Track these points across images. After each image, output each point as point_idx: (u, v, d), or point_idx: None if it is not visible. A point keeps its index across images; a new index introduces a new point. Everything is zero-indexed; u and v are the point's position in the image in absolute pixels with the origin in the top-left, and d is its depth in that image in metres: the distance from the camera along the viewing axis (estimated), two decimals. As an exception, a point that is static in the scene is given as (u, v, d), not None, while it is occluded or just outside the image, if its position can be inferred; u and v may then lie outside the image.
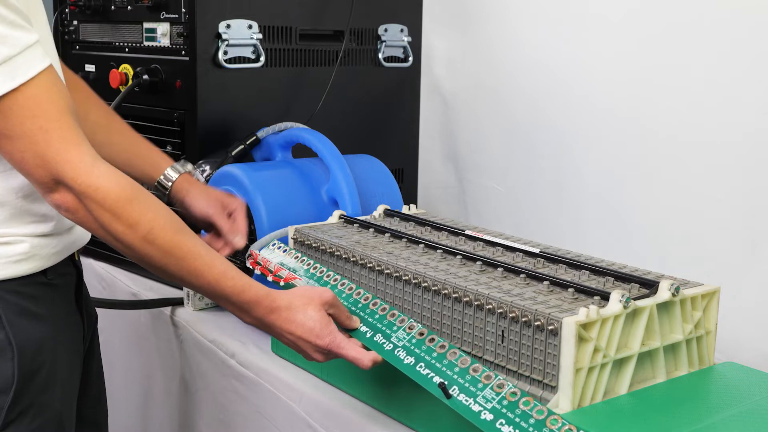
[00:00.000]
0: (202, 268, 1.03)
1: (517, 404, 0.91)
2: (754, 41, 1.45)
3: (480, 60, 1.97)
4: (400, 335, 1.04)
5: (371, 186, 1.53)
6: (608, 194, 1.71)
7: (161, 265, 1.02)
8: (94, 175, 0.97)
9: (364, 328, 1.08)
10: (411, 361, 1.01)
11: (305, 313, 1.04)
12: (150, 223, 0.99)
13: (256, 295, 1.05)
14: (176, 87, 1.59)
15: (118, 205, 0.98)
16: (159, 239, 1.00)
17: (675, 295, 1.03)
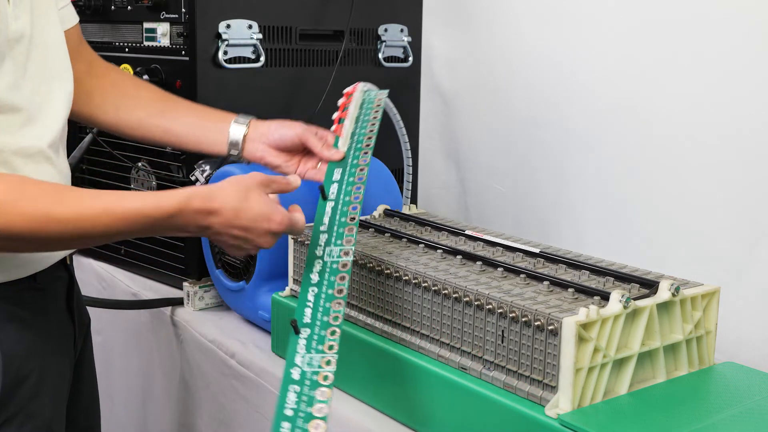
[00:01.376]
0: (114, 208, 0.96)
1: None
2: (754, 40, 1.45)
3: (480, 60, 1.97)
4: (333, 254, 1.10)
5: (371, 186, 1.53)
6: (608, 194, 1.71)
7: (73, 232, 0.95)
8: None
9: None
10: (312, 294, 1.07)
11: (248, 202, 1.02)
12: (45, 206, 0.94)
13: (184, 197, 0.99)
14: (176, 87, 1.59)
15: (5, 208, 0.92)
16: (59, 213, 0.94)
17: (675, 295, 1.03)
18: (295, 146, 1.30)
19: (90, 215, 0.96)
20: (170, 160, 1.63)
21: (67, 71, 1.15)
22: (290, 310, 1.33)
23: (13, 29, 1.02)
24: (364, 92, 1.38)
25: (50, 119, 1.09)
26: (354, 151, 1.26)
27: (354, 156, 1.25)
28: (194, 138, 1.32)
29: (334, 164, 1.25)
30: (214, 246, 1.52)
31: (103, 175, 1.79)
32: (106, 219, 0.96)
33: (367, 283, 1.21)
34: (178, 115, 1.32)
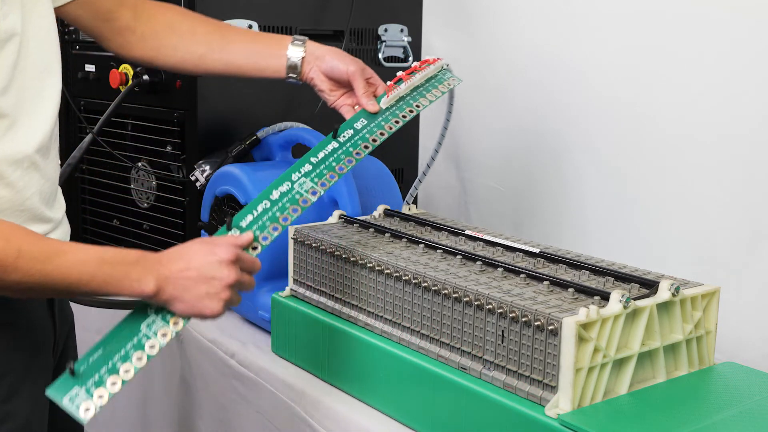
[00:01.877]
0: (80, 254, 0.97)
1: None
2: (753, 41, 1.45)
3: (480, 60, 1.97)
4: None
5: (371, 186, 1.53)
6: (608, 194, 1.71)
7: (40, 275, 0.94)
8: None
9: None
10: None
11: (188, 246, 1.02)
12: (15, 245, 0.93)
13: (138, 253, 1.00)
14: (176, 87, 1.59)
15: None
16: (33, 249, 0.94)
17: (675, 295, 1.03)
18: (343, 80, 1.31)
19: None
20: (170, 160, 1.63)
21: (56, 63, 1.13)
22: (290, 310, 1.33)
23: (2, 29, 1.01)
24: (440, 69, 1.35)
25: (38, 120, 1.08)
26: (389, 114, 1.26)
27: (386, 118, 1.25)
28: (255, 67, 1.34)
29: (364, 114, 1.25)
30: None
31: (103, 175, 1.79)
32: (70, 258, 0.96)
33: (367, 283, 1.21)
34: (236, 47, 1.33)
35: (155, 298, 0.99)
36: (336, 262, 1.26)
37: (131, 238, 1.76)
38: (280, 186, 1.14)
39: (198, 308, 0.99)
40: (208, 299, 0.99)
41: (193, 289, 0.99)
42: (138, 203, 1.73)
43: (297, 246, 1.33)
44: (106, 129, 1.70)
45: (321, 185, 1.15)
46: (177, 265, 0.99)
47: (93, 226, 1.86)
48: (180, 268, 0.99)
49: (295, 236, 1.33)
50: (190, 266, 0.99)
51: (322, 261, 1.29)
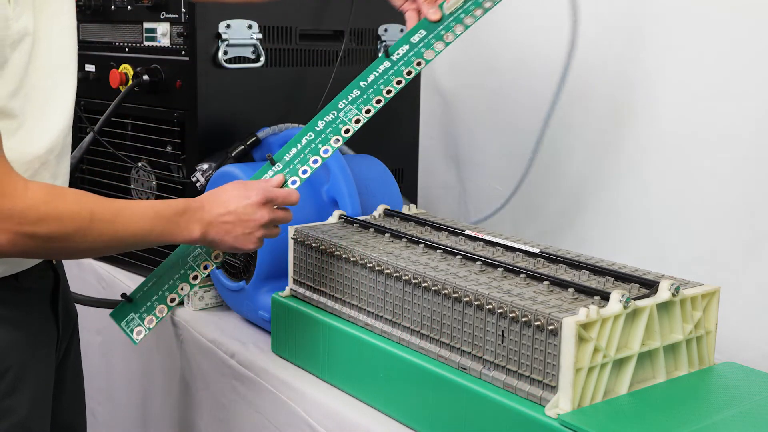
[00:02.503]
0: (139, 211, 1.06)
1: None
2: (753, 40, 1.45)
3: (480, 60, 1.97)
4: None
5: (371, 186, 1.53)
6: (608, 194, 1.71)
7: (112, 235, 1.03)
8: (29, 196, 0.96)
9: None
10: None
11: (224, 190, 1.13)
12: (88, 209, 1.00)
13: (183, 202, 1.11)
14: (176, 87, 1.59)
15: (58, 209, 0.97)
16: (101, 213, 1.02)
17: (675, 295, 1.03)
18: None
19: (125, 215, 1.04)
20: (170, 160, 1.63)
21: (72, 60, 1.13)
22: (290, 310, 1.33)
23: (15, 30, 1.01)
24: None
25: (50, 121, 1.09)
26: (452, 20, 1.21)
27: (447, 26, 1.20)
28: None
29: (425, 24, 1.20)
30: (214, 246, 1.52)
31: (103, 175, 1.79)
32: (130, 215, 1.05)
33: (367, 283, 1.21)
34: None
35: (201, 241, 1.11)
36: (336, 262, 1.26)
37: (131, 238, 1.75)
38: (326, 116, 1.14)
39: (237, 246, 1.13)
40: (245, 239, 1.12)
41: (232, 231, 1.11)
42: (138, 203, 1.73)
43: (297, 246, 1.33)
44: (106, 129, 1.70)
45: (366, 112, 1.14)
46: (217, 210, 1.11)
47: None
48: (220, 213, 1.11)
49: (295, 236, 1.33)
50: (228, 210, 1.11)
51: (322, 261, 1.29)
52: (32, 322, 1.12)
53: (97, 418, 1.87)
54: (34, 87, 1.06)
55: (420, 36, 1.19)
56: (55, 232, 0.97)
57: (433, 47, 1.18)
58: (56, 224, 0.97)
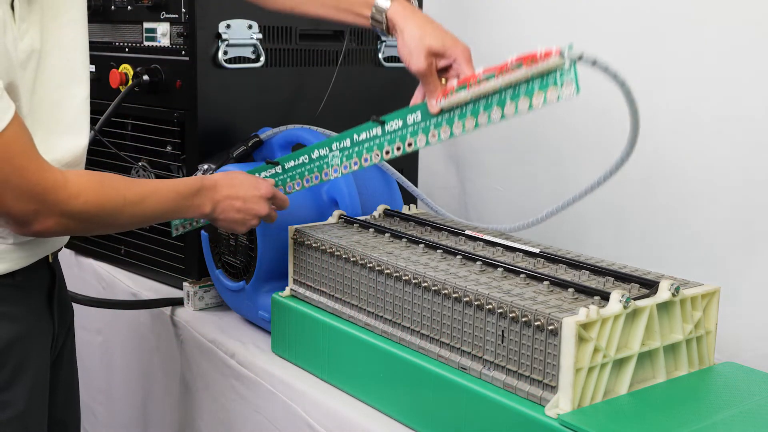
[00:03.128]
0: (163, 192, 1.17)
1: None
2: (754, 40, 1.45)
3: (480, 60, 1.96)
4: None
5: (371, 186, 1.53)
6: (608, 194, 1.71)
7: (141, 213, 1.14)
8: (70, 186, 1.04)
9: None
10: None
11: (237, 175, 1.25)
12: (122, 194, 1.10)
13: (196, 180, 1.21)
14: (176, 87, 1.59)
15: (98, 196, 1.07)
16: (131, 197, 1.12)
17: (675, 295, 1.03)
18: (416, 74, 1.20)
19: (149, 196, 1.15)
20: (170, 160, 1.63)
21: (84, 72, 1.16)
22: (290, 310, 1.33)
23: (21, 49, 1.02)
24: (565, 59, 1.01)
25: (61, 138, 1.11)
26: (441, 119, 1.11)
27: (437, 123, 1.10)
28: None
29: (423, 109, 1.12)
30: (214, 246, 1.52)
31: (103, 175, 1.79)
32: (156, 197, 1.16)
33: (367, 283, 1.21)
34: None
35: (208, 216, 1.23)
36: (336, 262, 1.26)
37: (131, 237, 1.76)
38: (322, 149, 1.25)
39: (232, 228, 1.26)
40: (241, 223, 1.25)
41: (233, 214, 1.24)
42: (138, 203, 1.73)
43: (297, 246, 1.33)
44: (106, 129, 1.70)
45: (343, 167, 1.24)
46: (228, 192, 1.23)
47: (93, 226, 1.86)
48: (230, 195, 1.23)
49: (295, 236, 1.33)
50: (238, 195, 1.23)
51: (322, 261, 1.29)
52: (29, 319, 1.13)
53: (97, 418, 1.87)
54: (42, 102, 1.08)
55: (414, 118, 1.14)
56: (94, 216, 1.07)
57: (427, 136, 1.13)
58: (95, 209, 1.07)
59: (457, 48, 1.18)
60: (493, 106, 1.05)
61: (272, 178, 1.35)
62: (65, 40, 1.11)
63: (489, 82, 1.04)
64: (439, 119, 1.12)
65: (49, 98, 1.08)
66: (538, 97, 0.97)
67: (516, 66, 0.99)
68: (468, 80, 1.08)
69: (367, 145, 1.21)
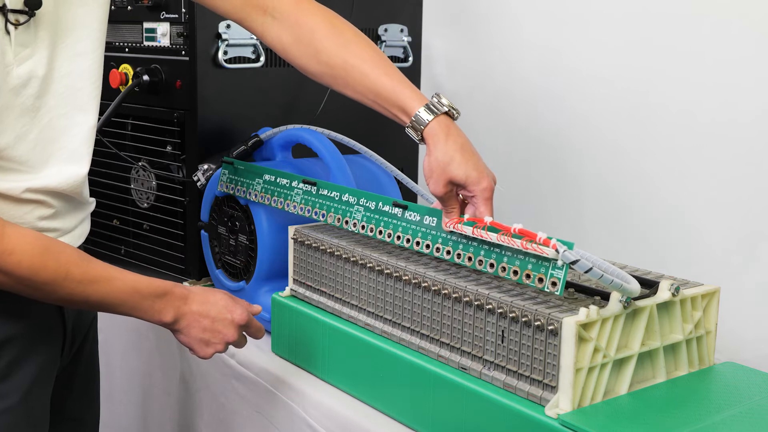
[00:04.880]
0: (117, 283, 1.09)
1: None
2: (754, 40, 1.45)
3: (480, 60, 1.97)
4: None
5: (371, 186, 1.53)
6: (608, 194, 1.71)
7: (83, 297, 1.06)
8: (5, 241, 1.00)
9: None
10: None
11: (214, 294, 1.16)
12: (65, 267, 1.04)
13: (166, 284, 1.12)
14: (176, 87, 1.59)
15: (33, 260, 1.01)
16: (79, 273, 1.05)
17: (675, 295, 1.03)
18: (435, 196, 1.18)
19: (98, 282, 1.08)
20: (170, 160, 1.63)
21: (93, 102, 1.13)
22: (290, 310, 1.33)
23: (16, 75, 1.02)
24: (558, 258, 0.99)
25: (60, 163, 1.11)
26: (452, 243, 1.12)
27: (448, 241, 1.13)
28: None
29: (439, 216, 1.15)
30: (214, 246, 1.52)
31: (103, 175, 1.79)
32: (108, 286, 1.09)
33: (367, 283, 1.21)
34: (360, 62, 1.26)
35: (168, 326, 1.13)
36: (336, 262, 1.26)
37: (131, 238, 1.76)
38: (351, 196, 1.25)
39: (193, 346, 1.15)
40: (204, 344, 1.15)
41: (198, 333, 1.14)
42: (138, 203, 1.73)
43: (297, 246, 1.33)
44: (106, 129, 1.70)
45: (360, 227, 1.24)
46: (199, 308, 1.14)
47: (93, 225, 1.85)
48: (200, 312, 1.13)
49: (295, 236, 1.33)
50: (208, 314, 1.14)
51: (322, 261, 1.29)
52: (32, 316, 1.12)
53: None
54: (44, 130, 1.07)
55: (430, 222, 1.16)
56: (26, 279, 1.02)
57: (433, 246, 1.14)
58: (27, 272, 1.01)
59: (480, 185, 1.15)
60: (492, 257, 1.06)
61: (304, 195, 1.31)
62: (77, 70, 1.10)
63: (491, 234, 1.06)
64: (447, 237, 1.13)
65: (55, 124, 1.08)
66: (526, 276, 1.00)
67: (517, 236, 1.02)
68: (477, 221, 1.10)
69: (385, 220, 1.20)
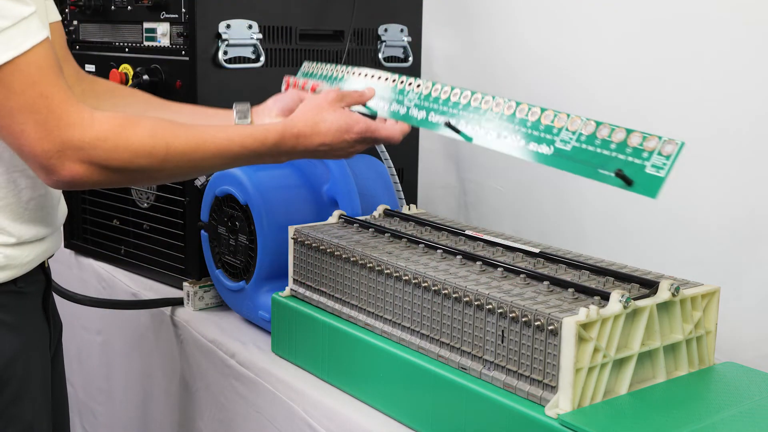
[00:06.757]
0: (223, 143, 1.03)
1: (514, 115, 1.02)
2: (753, 40, 1.45)
3: (480, 60, 1.97)
4: (411, 96, 1.14)
5: (371, 186, 1.53)
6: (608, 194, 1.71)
7: (188, 167, 1.02)
8: (97, 125, 0.95)
9: (381, 104, 1.18)
10: (423, 116, 1.12)
11: (324, 119, 1.10)
12: (164, 140, 0.98)
13: (277, 133, 1.07)
14: (176, 87, 1.59)
15: (128, 140, 0.96)
16: (179, 147, 0.99)
17: (675, 295, 1.03)
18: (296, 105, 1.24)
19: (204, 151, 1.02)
20: (170, 160, 1.63)
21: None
22: (290, 310, 1.33)
23: None
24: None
25: None
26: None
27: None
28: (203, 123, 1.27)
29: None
30: (214, 246, 1.52)
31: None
32: (238, 157, 1.05)
33: (367, 283, 1.21)
34: (180, 108, 1.29)
35: (285, 161, 1.12)
36: (336, 262, 1.26)
37: (131, 238, 1.76)
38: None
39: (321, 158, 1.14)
40: (332, 157, 1.14)
41: (319, 155, 1.12)
42: (138, 203, 1.73)
43: (297, 246, 1.33)
44: (106, 129, 1.70)
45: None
46: (312, 141, 1.09)
47: (93, 225, 1.86)
48: (314, 144, 1.10)
49: (295, 236, 1.33)
50: (323, 143, 1.10)
51: (322, 261, 1.29)
52: (30, 328, 1.11)
53: (97, 418, 1.87)
54: None
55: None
56: (129, 165, 0.96)
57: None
58: (128, 156, 0.96)
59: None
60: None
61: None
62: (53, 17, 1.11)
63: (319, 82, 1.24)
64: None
65: None
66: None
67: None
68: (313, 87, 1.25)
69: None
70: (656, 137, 0.90)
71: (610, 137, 0.95)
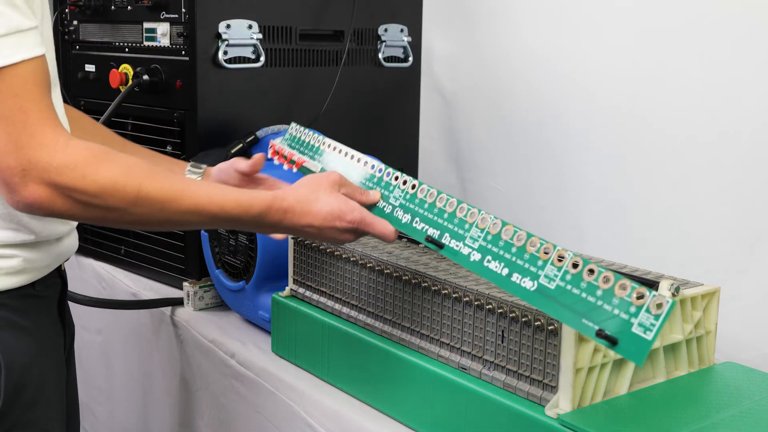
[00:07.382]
0: (202, 201, 0.97)
1: (499, 236, 0.95)
2: (754, 40, 1.45)
3: (480, 60, 1.97)
4: (397, 194, 1.08)
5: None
6: (608, 194, 1.71)
7: (161, 216, 0.96)
8: (69, 151, 0.91)
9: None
10: (407, 219, 1.05)
11: (318, 199, 1.03)
12: (137, 181, 0.93)
13: (263, 204, 1.01)
14: (176, 87, 1.59)
15: (98, 173, 0.91)
16: (151, 192, 0.94)
17: (675, 295, 1.03)
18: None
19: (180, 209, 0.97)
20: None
21: (56, 75, 1.10)
22: (290, 310, 1.33)
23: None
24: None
25: None
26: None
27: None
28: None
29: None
30: (215, 246, 1.52)
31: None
32: (216, 219, 1.00)
33: (367, 283, 1.21)
34: (137, 150, 1.25)
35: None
36: (336, 262, 1.26)
37: (131, 237, 1.76)
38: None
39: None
40: (329, 240, 1.07)
41: (310, 239, 1.07)
42: (138, 203, 1.73)
43: (297, 246, 1.33)
44: (106, 129, 1.70)
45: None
46: (302, 220, 1.03)
47: (93, 225, 1.86)
48: (302, 224, 1.03)
49: (295, 236, 1.33)
50: (312, 224, 1.03)
51: (322, 261, 1.29)
52: (46, 332, 1.10)
53: (97, 418, 1.87)
54: None
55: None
56: (94, 199, 0.92)
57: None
58: (95, 189, 0.91)
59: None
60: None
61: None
62: (48, 43, 1.10)
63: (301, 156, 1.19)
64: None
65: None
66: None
67: None
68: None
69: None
70: (646, 289, 0.85)
71: (596, 282, 0.89)
